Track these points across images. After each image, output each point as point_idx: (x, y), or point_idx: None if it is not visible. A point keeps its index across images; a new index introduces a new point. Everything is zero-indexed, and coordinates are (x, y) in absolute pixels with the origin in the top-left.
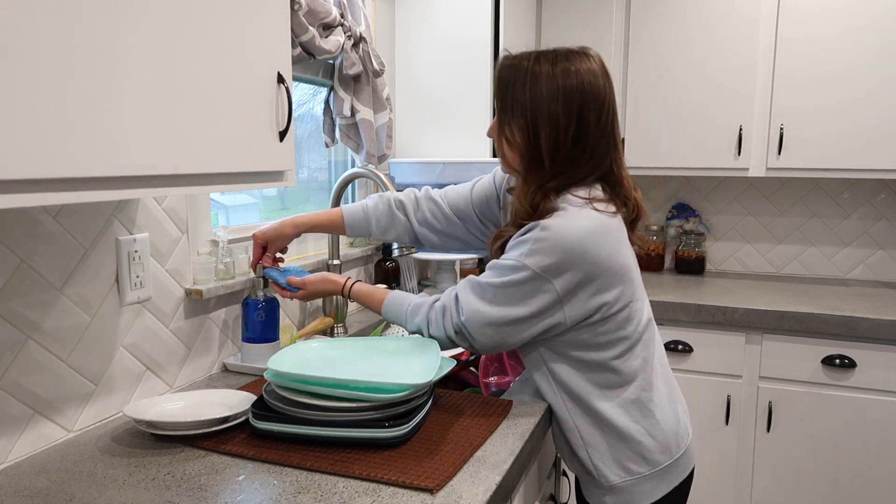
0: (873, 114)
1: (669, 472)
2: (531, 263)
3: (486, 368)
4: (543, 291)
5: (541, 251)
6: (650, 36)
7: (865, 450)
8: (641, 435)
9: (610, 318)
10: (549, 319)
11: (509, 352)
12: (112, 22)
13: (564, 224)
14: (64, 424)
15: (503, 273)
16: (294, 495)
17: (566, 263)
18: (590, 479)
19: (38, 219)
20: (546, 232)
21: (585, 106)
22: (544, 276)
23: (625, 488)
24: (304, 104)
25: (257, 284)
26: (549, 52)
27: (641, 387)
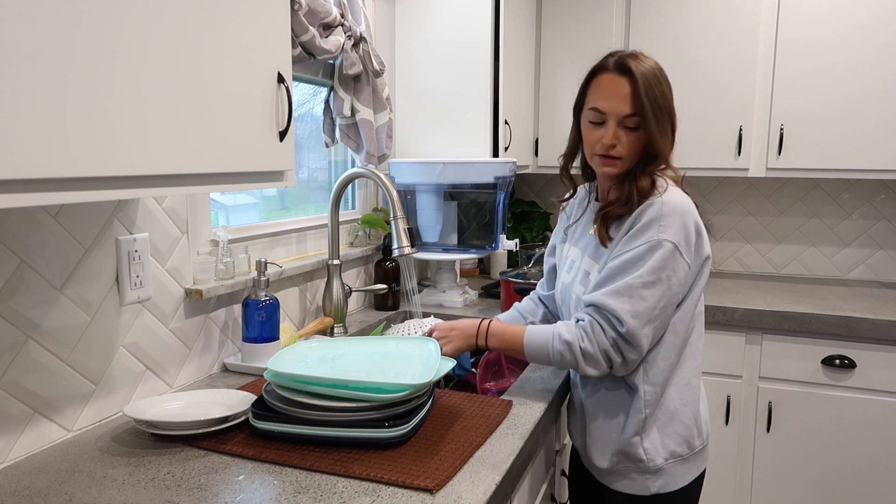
0: (873, 114)
1: (700, 457)
2: (669, 237)
3: (484, 373)
4: (679, 266)
5: (671, 224)
6: (650, 36)
7: (865, 450)
8: (688, 418)
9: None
10: (679, 296)
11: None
12: (112, 22)
13: (676, 195)
14: (64, 424)
15: (641, 261)
16: (294, 495)
17: (689, 231)
18: (633, 466)
19: (38, 219)
20: (668, 206)
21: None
22: (679, 248)
23: (668, 470)
24: (304, 104)
25: (257, 284)
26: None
27: (692, 372)
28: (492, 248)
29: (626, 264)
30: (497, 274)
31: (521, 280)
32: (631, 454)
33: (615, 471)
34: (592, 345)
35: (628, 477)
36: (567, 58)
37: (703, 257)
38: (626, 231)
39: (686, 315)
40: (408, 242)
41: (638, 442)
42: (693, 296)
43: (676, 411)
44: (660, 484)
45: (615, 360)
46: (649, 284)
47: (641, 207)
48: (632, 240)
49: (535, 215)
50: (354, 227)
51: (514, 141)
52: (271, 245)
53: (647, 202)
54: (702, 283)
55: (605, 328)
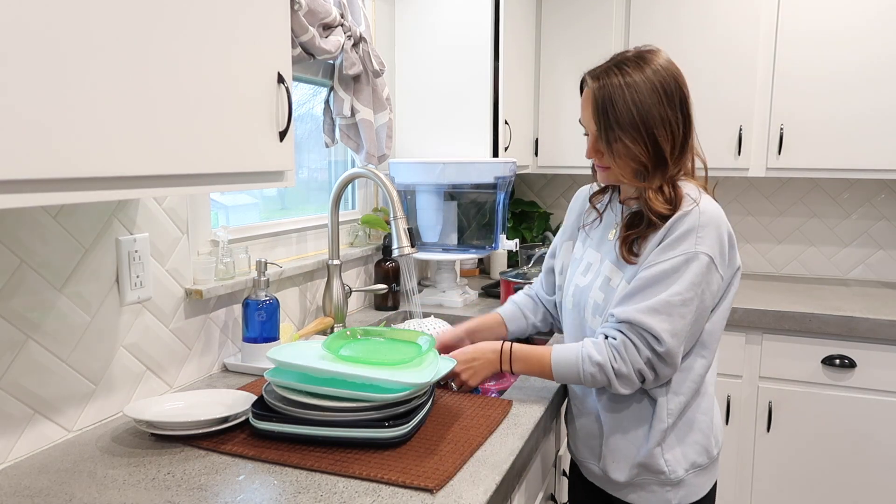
0: (873, 114)
1: (716, 465)
2: (705, 250)
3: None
4: (713, 280)
5: (708, 235)
6: (649, 36)
7: (865, 450)
8: (706, 427)
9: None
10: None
11: None
12: (111, 22)
13: (710, 205)
14: (64, 424)
15: (676, 275)
16: (294, 495)
17: (724, 243)
18: (653, 478)
19: (38, 219)
20: (705, 216)
21: (683, 98)
22: (714, 262)
23: (688, 481)
24: (304, 104)
25: (257, 284)
26: (626, 59)
27: (709, 380)
28: (492, 248)
29: (661, 276)
30: (497, 274)
31: (521, 280)
32: (652, 466)
33: (634, 483)
34: (627, 365)
35: (647, 490)
36: (567, 58)
37: (735, 268)
38: (660, 240)
39: (717, 328)
40: (408, 242)
41: (659, 453)
42: (724, 307)
43: (696, 420)
44: (681, 496)
45: (648, 377)
46: (688, 301)
47: (677, 216)
48: (666, 250)
49: (535, 215)
50: (354, 227)
51: (514, 141)
52: (271, 245)
53: (683, 211)
54: (731, 295)
55: (640, 347)
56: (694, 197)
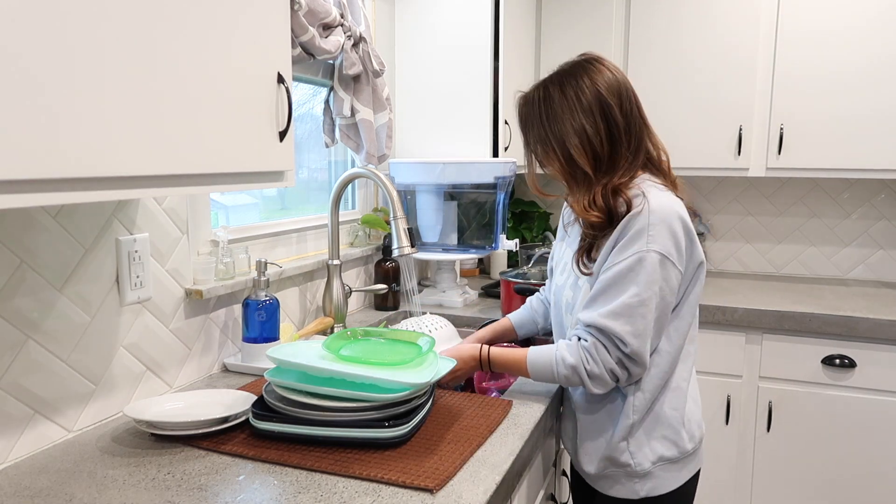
0: (873, 114)
1: (691, 460)
2: (657, 248)
3: (481, 374)
4: (671, 275)
5: (659, 233)
6: (649, 36)
7: (865, 450)
8: (676, 421)
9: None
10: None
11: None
12: (110, 22)
13: (662, 202)
14: (64, 424)
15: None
16: (294, 495)
17: (678, 237)
18: (620, 470)
19: (38, 219)
20: (655, 214)
21: (606, 105)
22: (669, 258)
23: (656, 474)
24: (304, 104)
25: (257, 284)
26: (554, 76)
27: (682, 376)
28: (492, 248)
29: (618, 278)
30: (497, 274)
31: (521, 280)
32: (616, 459)
33: (604, 475)
34: (599, 366)
35: (617, 482)
36: (567, 57)
37: (697, 263)
38: (615, 242)
39: (683, 323)
40: (408, 242)
41: (624, 447)
42: (690, 302)
43: (664, 415)
44: (648, 487)
45: (621, 376)
46: (646, 301)
47: (628, 217)
48: (621, 251)
49: (535, 215)
50: (354, 227)
51: (514, 141)
52: (271, 245)
53: (634, 211)
54: (697, 290)
55: (610, 349)
56: (645, 195)
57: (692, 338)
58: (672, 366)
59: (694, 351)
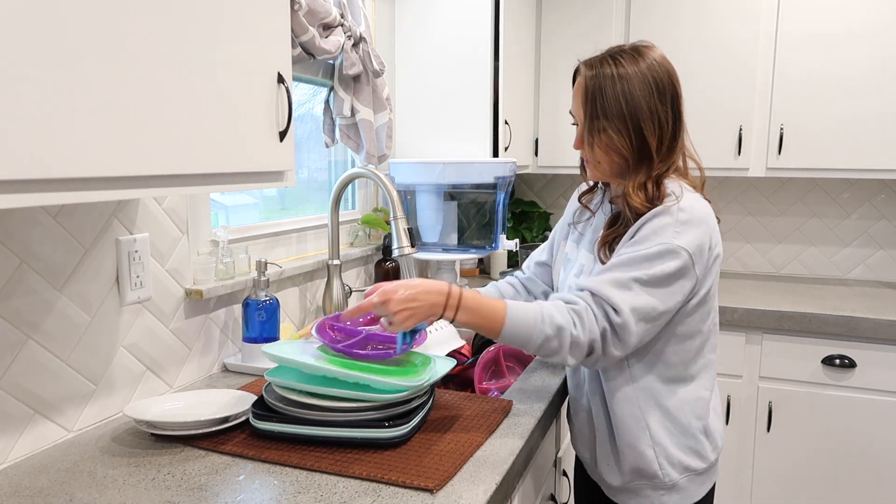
0: (873, 114)
1: (713, 470)
2: (684, 244)
3: (482, 373)
4: (688, 278)
5: (688, 231)
6: (650, 35)
7: (865, 450)
8: (700, 432)
9: (702, 305)
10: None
11: (506, 353)
12: (111, 22)
13: (694, 202)
14: (64, 424)
15: (651, 263)
16: (294, 495)
17: (703, 242)
18: (647, 482)
19: (38, 219)
20: (685, 213)
21: (676, 94)
22: (692, 259)
23: (684, 486)
24: (304, 104)
25: (257, 284)
26: (621, 51)
27: (704, 385)
28: (492, 248)
29: (633, 261)
30: (497, 274)
31: None
32: (645, 470)
33: (628, 488)
34: (584, 332)
35: (641, 494)
36: (567, 58)
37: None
38: (633, 234)
39: (704, 329)
40: (408, 242)
41: (653, 457)
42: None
43: (689, 425)
44: (675, 500)
45: (597, 351)
46: (653, 285)
47: (653, 212)
48: (640, 241)
49: (535, 215)
50: (354, 227)
51: (514, 141)
52: (271, 245)
53: (661, 207)
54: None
55: (598, 317)
56: (677, 194)
57: (713, 346)
58: (691, 372)
59: (714, 361)
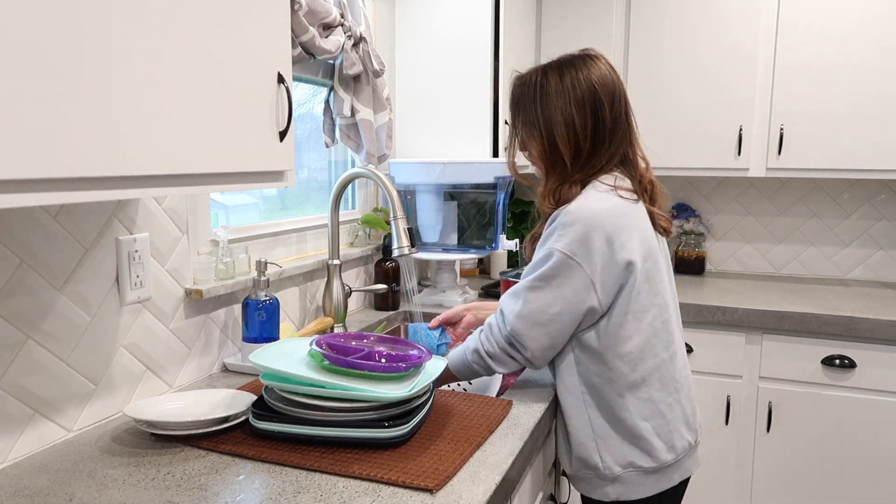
0: (873, 114)
1: (672, 471)
2: (561, 247)
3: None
4: (575, 275)
5: (568, 233)
6: (650, 35)
7: (865, 450)
8: (650, 434)
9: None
10: (586, 304)
11: None
12: (111, 22)
13: (586, 204)
14: (64, 424)
15: (535, 269)
16: (294, 495)
17: (590, 240)
18: (592, 472)
19: (38, 219)
20: (570, 215)
21: (599, 102)
22: (574, 258)
23: (627, 479)
24: (304, 104)
25: (257, 284)
26: (555, 63)
27: (656, 387)
28: (492, 248)
29: (529, 269)
30: (497, 274)
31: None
32: (587, 461)
33: (577, 476)
34: (493, 345)
35: (589, 482)
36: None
37: (622, 264)
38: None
39: (617, 328)
40: (408, 242)
41: (594, 448)
42: (620, 305)
43: (635, 425)
44: (619, 491)
45: (516, 356)
46: (535, 289)
47: (553, 215)
48: (539, 246)
49: (535, 215)
50: (354, 227)
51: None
52: (271, 245)
53: (554, 213)
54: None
55: (500, 327)
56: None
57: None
58: (620, 373)
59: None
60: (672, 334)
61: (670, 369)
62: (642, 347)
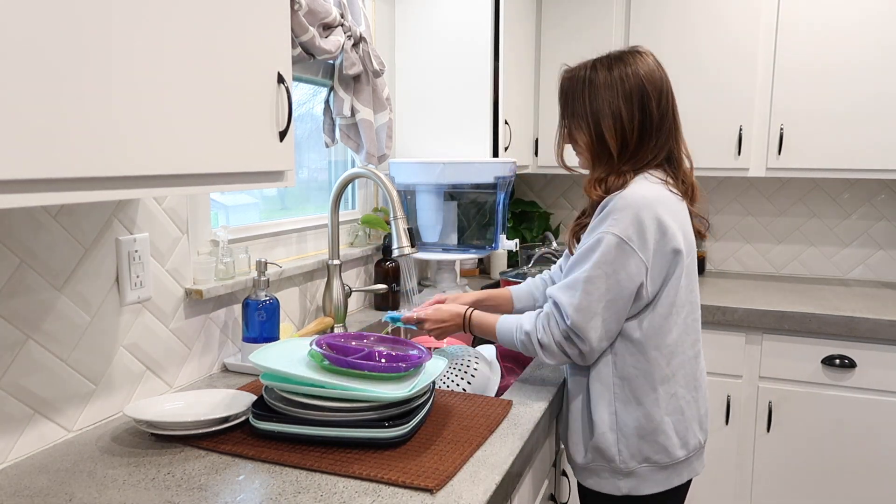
0: (873, 114)
1: (683, 467)
2: (617, 231)
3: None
4: (630, 260)
5: (623, 217)
6: (650, 35)
7: (865, 450)
8: (669, 429)
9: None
10: (639, 289)
11: (504, 354)
12: (111, 22)
13: (639, 190)
14: (64, 424)
15: (588, 256)
16: (294, 495)
17: (644, 225)
18: (606, 465)
19: (38, 219)
20: (624, 200)
21: (647, 97)
22: (629, 243)
23: (640, 473)
24: (304, 104)
25: (257, 284)
26: (604, 58)
27: (681, 384)
28: (492, 248)
29: (580, 257)
30: (497, 274)
31: (522, 280)
32: (605, 452)
33: (589, 468)
34: (547, 336)
35: (599, 475)
36: (567, 58)
37: (671, 250)
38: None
39: (661, 319)
40: (408, 242)
41: (613, 440)
42: (668, 295)
43: (662, 421)
44: (631, 486)
45: (570, 351)
46: (594, 279)
47: (603, 202)
48: (589, 234)
49: (535, 215)
50: (354, 227)
51: (514, 141)
52: (271, 245)
53: (606, 199)
54: (677, 283)
55: (558, 321)
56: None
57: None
58: (657, 365)
59: (695, 357)
60: (698, 333)
61: (694, 368)
62: (677, 342)
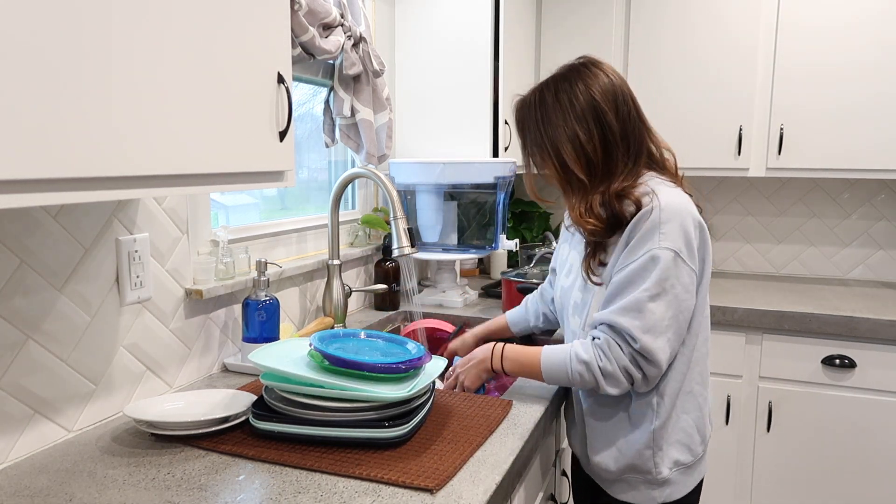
0: (873, 114)
1: (701, 463)
2: (668, 245)
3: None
4: (682, 273)
5: (670, 231)
6: (650, 35)
7: (865, 450)
8: (689, 425)
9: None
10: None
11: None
12: (111, 22)
13: (673, 199)
14: (64, 424)
15: (644, 276)
16: (294, 495)
17: (689, 235)
18: (640, 477)
19: (38, 219)
20: (665, 212)
21: (600, 111)
22: (680, 255)
23: (673, 480)
24: (304, 104)
25: (257, 284)
26: (550, 80)
27: (696, 379)
28: (492, 248)
29: (632, 277)
30: (497, 274)
31: (522, 280)
32: (640, 466)
33: (622, 480)
34: (611, 363)
35: (635, 488)
36: (567, 58)
37: (707, 255)
38: (626, 242)
39: (694, 325)
40: (408, 242)
41: (650, 455)
42: (699, 302)
43: (679, 420)
44: (666, 494)
45: (636, 376)
46: (656, 297)
47: (639, 216)
48: (633, 251)
49: (535, 215)
50: (354, 227)
51: (513, 141)
52: (271, 245)
53: (644, 210)
54: (704, 289)
55: (622, 346)
56: (655, 193)
57: (706, 339)
58: (687, 368)
59: (706, 353)
60: (709, 330)
61: (705, 364)
62: (696, 340)
